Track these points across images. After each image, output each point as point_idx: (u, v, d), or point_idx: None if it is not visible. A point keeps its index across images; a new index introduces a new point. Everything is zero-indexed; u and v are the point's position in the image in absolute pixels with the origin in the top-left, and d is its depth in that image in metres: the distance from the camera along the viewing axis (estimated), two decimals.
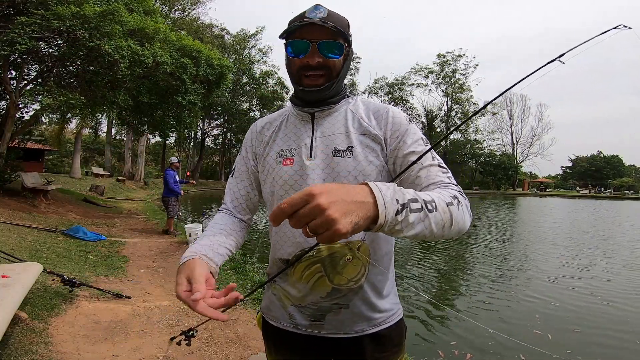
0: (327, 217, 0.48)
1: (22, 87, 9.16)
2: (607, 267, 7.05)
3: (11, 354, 2.24)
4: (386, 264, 0.93)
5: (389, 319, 0.93)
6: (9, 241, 5.06)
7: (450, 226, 0.67)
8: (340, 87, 0.93)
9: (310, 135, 0.92)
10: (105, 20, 7.74)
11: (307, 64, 0.86)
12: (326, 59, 0.86)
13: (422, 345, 3.58)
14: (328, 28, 0.83)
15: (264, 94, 33.40)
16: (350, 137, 0.89)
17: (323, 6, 0.87)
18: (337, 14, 0.89)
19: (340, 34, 0.85)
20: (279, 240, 0.92)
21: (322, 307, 0.88)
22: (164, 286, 4.15)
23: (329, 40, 0.84)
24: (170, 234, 7.44)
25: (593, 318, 4.44)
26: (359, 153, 0.87)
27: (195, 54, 10.31)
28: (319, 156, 0.89)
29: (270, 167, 0.94)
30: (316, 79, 0.87)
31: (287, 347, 0.96)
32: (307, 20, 0.84)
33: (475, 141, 52.60)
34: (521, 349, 3.53)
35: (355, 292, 0.88)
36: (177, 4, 27.99)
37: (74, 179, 17.66)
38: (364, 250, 0.87)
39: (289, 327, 0.93)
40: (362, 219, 0.51)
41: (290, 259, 0.90)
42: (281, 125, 0.99)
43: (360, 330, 0.90)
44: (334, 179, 0.87)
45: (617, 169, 65.26)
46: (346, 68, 0.92)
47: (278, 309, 0.95)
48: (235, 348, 2.75)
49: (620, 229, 13.59)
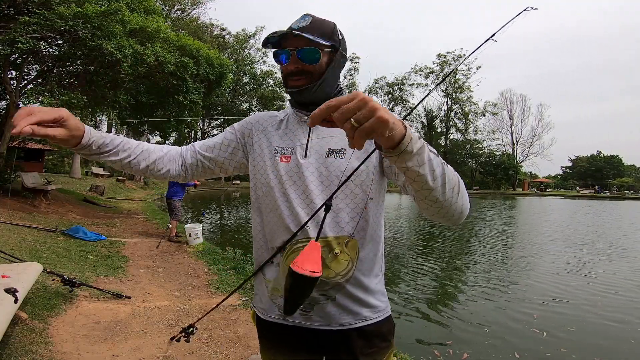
0: (372, 107, 0.54)
1: (22, 87, 9.16)
2: (607, 268, 7.05)
3: (11, 354, 2.24)
4: (374, 261, 0.96)
5: (376, 315, 0.96)
6: (9, 241, 5.06)
7: (457, 193, 0.72)
8: (327, 88, 0.97)
9: (307, 135, 0.97)
10: (107, 19, 7.74)
11: (289, 70, 0.94)
12: (304, 65, 0.93)
13: (418, 345, 3.59)
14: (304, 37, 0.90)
15: (264, 94, 33.41)
16: (344, 139, 0.93)
17: (310, 15, 0.95)
18: (322, 21, 0.95)
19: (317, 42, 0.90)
20: (271, 230, 0.96)
21: (310, 297, 0.92)
22: (164, 286, 4.15)
23: (303, 48, 0.91)
24: (177, 240, 6.69)
25: (590, 317, 4.44)
26: (350, 154, 0.92)
27: (195, 54, 10.32)
28: (313, 156, 0.94)
29: (268, 160, 0.99)
30: (297, 81, 0.94)
31: (276, 339, 0.99)
32: (280, 32, 0.92)
33: (475, 141, 52.64)
34: (516, 348, 3.55)
35: (342, 286, 0.92)
36: (177, 4, 28.00)
37: (74, 179, 17.67)
38: (352, 246, 0.91)
39: (278, 319, 0.97)
40: (395, 122, 0.56)
41: (287, 249, 0.94)
42: (281, 123, 1.04)
43: (347, 324, 0.93)
44: (326, 177, 0.92)
45: (617, 169, 65.26)
46: (332, 70, 0.96)
47: (268, 301, 0.99)
48: (235, 348, 2.75)
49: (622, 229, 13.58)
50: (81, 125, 0.84)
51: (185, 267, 5.08)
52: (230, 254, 5.81)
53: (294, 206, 0.92)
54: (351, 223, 0.91)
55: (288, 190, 0.93)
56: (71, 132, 0.81)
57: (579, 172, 68.32)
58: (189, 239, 6.47)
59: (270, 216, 0.96)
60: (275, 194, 0.95)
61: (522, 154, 56.50)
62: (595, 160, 67.10)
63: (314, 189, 0.92)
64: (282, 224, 0.93)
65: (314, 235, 0.88)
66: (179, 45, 10.05)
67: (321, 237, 0.88)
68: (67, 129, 0.79)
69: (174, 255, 5.77)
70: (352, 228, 0.91)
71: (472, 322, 4.21)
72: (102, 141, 0.90)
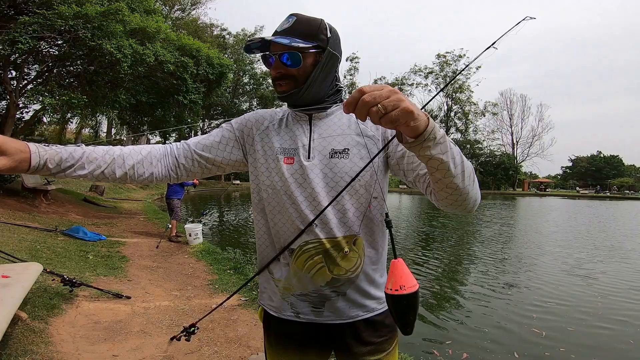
0: (399, 98, 0.60)
1: (22, 87, 9.16)
2: (607, 268, 7.05)
3: (11, 354, 2.24)
4: (380, 256, 1.00)
5: (382, 306, 1.00)
6: (9, 241, 5.06)
7: (473, 180, 0.77)
8: (317, 90, 0.94)
9: (308, 136, 0.97)
10: (107, 19, 7.74)
11: (273, 75, 0.95)
12: (287, 69, 0.91)
13: (418, 345, 3.59)
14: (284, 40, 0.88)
15: (264, 94, 33.44)
16: (346, 138, 0.94)
17: (295, 15, 0.92)
18: (307, 20, 0.92)
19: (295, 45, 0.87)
20: (279, 232, 0.97)
21: (322, 294, 0.95)
22: (164, 286, 4.15)
23: (283, 52, 0.90)
24: (177, 240, 6.68)
25: (590, 317, 4.44)
26: (354, 154, 0.93)
27: (195, 53, 10.32)
28: (317, 157, 0.94)
29: (272, 161, 0.97)
30: (283, 87, 0.94)
31: (287, 336, 1.01)
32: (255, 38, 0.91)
33: (475, 141, 52.57)
34: (515, 347, 3.55)
35: (352, 281, 0.95)
36: (177, 4, 28.01)
37: (74, 179, 17.64)
38: (359, 244, 0.95)
39: (290, 316, 0.99)
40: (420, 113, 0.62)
41: (296, 250, 0.95)
42: (281, 122, 1.02)
43: (355, 316, 0.97)
44: (331, 178, 0.93)
45: (617, 169, 65.22)
46: (321, 71, 0.92)
47: (279, 299, 1.00)
48: (235, 348, 2.75)
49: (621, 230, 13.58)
50: (23, 146, 0.76)
51: (185, 267, 5.08)
52: (230, 254, 5.81)
53: (301, 209, 0.92)
54: (357, 222, 0.94)
55: (294, 192, 0.93)
56: (13, 156, 0.73)
57: (579, 172, 68.26)
58: (189, 238, 6.48)
59: (278, 218, 0.96)
60: (281, 197, 0.95)
61: (522, 154, 56.56)
62: (595, 160, 67.06)
63: (320, 190, 0.92)
64: (291, 226, 0.94)
65: (322, 236, 0.91)
66: (178, 45, 10.06)
67: (330, 238, 0.92)
68: (7, 155, 0.72)
69: (174, 255, 5.77)
70: (358, 227, 0.94)
71: (472, 322, 4.22)
72: (59, 157, 0.82)
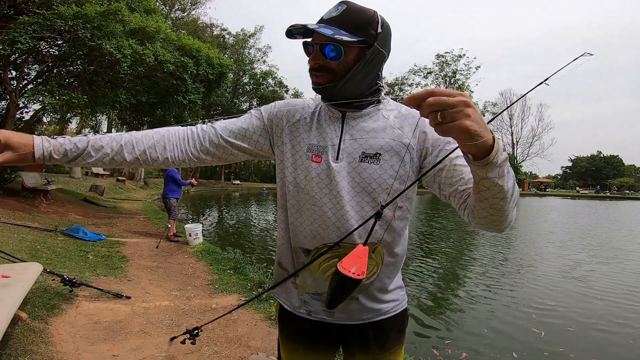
0: (462, 112, 0.54)
1: (22, 87, 9.16)
2: (606, 269, 7.05)
3: (11, 354, 2.24)
4: (397, 265, 0.99)
5: (393, 309, 1.01)
6: (9, 241, 5.06)
7: (515, 204, 0.73)
8: (355, 87, 0.88)
9: (339, 135, 0.92)
10: (107, 19, 7.74)
11: (311, 65, 0.89)
12: (326, 61, 0.86)
13: (418, 345, 3.59)
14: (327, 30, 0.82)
15: (264, 94, 33.43)
16: (379, 142, 0.89)
17: (346, 2, 0.85)
18: (358, 10, 0.84)
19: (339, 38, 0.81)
20: (296, 229, 0.95)
21: None
22: (164, 286, 4.15)
23: (324, 43, 0.84)
24: (176, 240, 6.64)
25: (589, 317, 4.44)
26: (385, 161, 0.88)
27: (195, 53, 10.31)
28: (346, 159, 0.90)
29: (299, 157, 0.94)
30: (319, 78, 0.88)
31: (299, 331, 1.04)
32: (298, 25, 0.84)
33: None
34: (514, 347, 3.56)
35: (365, 288, 0.95)
36: (177, 4, 28.00)
37: (74, 179, 17.64)
38: (378, 252, 0.92)
39: (303, 313, 1.01)
40: (481, 135, 0.57)
41: (312, 251, 0.94)
42: (313, 116, 0.97)
43: (367, 319, 0.98)
44: (358, 183, 0.89)
45: (617, 169, 65.22)
46: (363, 67, 0.86)
47: (295, 296, 1.02)
48: (235, 348, 2.75)
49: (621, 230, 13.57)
50: (28, 139, 0.80)
51: (185, 267, 5.08)
52: (230, 254, 5.80)
53: (324, 211, 0.90)
54: (379, 230, 0.90)
55: (318, 193, 0.90)
56: (18, 151, 0.77)
57: (579, 172, 68.26)
58: (189, 238, 6.47)
59: (296, 216, 0.94)
60: (303, 196, 0.92)
61: (522, 154, 56.62)
62: (595, 160, 67.05)
63: (345, 195, 0.88)
64: (309, 227, 0.92)
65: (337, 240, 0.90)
66: (178, 45, 10.05)
67: (350, 244, 0.87)
68: (12, 150, 0.77)
69: (173, 255, 5.77)
70: (380, 235, 0.91)
71: (471, 322, 4.22)
72: (64, 149, 0.84)
